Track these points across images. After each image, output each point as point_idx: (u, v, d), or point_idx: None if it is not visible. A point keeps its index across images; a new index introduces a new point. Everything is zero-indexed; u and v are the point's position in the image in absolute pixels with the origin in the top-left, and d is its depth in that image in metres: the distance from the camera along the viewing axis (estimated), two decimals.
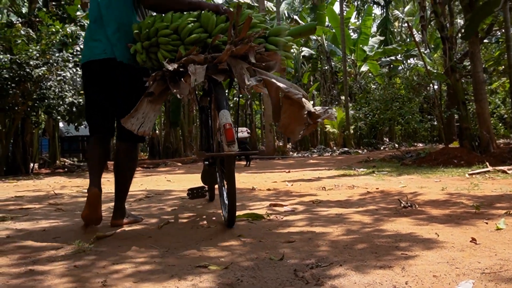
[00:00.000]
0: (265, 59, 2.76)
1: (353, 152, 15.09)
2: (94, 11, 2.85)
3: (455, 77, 10.54)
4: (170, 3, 2.77)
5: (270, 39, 2.86)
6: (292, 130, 2.76)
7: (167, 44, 2.65)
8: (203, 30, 2.71)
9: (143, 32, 2.68)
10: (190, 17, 2.69)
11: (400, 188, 4.42)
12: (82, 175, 9.70)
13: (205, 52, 2.63)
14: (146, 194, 4.78)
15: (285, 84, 2.70)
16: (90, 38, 2.88)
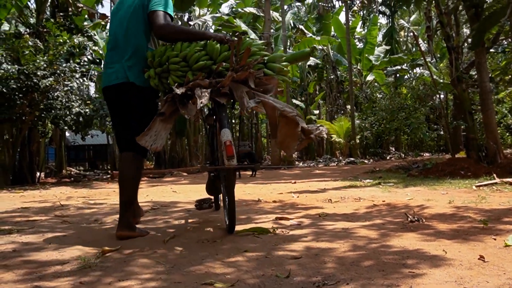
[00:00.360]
0: (264, 83, 3.09)
1: (359, 162, 15.05)
2: (112, 40, 3.15)
3: (462, 87, 10.52)
4: (179, 35, 3.10)
5: (268, 65, 3.17)
6: (288, 146, 3.13)
7: (177, 70, 2.96)
8: (208, 57, 3.01)
9: (156, 60, 3.00)
10: (197, 46, 3.00)
11: (407, 200, 4.40)
12: (88, 185, 9.73)
13: (210, 77, 2.95)
14: (152, 206, 4.77)
15: (281, 104, 3.08)
16: (106, 65, 3.16)
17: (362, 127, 19.18)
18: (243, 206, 4.57)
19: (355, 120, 19.16)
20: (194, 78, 2.89)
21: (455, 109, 18.39)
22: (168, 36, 3.07)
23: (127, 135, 3.07)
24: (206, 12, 20.38)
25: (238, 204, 4.65)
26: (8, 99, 9.04)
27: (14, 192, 7.90)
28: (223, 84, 2.90)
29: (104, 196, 6.52)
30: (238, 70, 2.93)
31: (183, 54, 2.97)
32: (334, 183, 7.24)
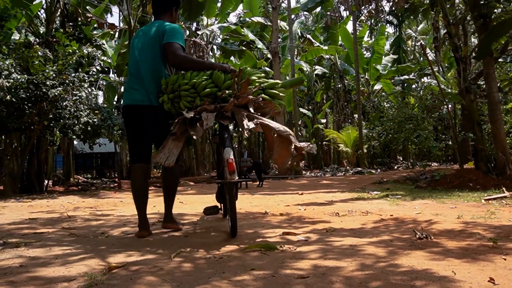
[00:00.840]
0: (262, 106, 3.61)
1: (367, 172, 14.99)
2: (133, 67, 3.68)
3: (470, 98, 10.47)
4: (189, 64, 3.62)
5: (266, 91, 3.66)
6: (282, 161, 3.56)
7: (187, 96, 3.45)
8: (214, 85, 3.49)
9: (169, 87, 3.51)
10: (204, 76, 3.50)
11: (415, 215, 4.37)
12: (95, 194, 9.75)
13: (215, 103, 3.45)
14: (159, 219, 4.76)
15: (276, 125, 3.55)
16: (130, 87, 3.69)
17: (370, 136, 19.12)
18: (250, 219, 4.55)
19: (363, 130, 19.11)
20: (202, 104, 3.39)
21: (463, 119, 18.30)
22: (180, 65, 3.59)
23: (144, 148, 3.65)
24: (214, 21, 20.50)
25: (245, 217, 4.65)
26: (17, 109, 9.10)
27: (22, 201, 7.94)
28: (226, 109, 3.41)
29: (111, 207, 6.53)
30: (239, 96, 3.43)
31: (192, 82, 3.46)
32: (341, 195, 7.21)
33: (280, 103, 3.81)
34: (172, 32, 3.61)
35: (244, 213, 5.16)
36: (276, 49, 15.69)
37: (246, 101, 3.45)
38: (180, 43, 3.59)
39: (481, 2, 11.63)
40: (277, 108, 3.79)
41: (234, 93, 3.44)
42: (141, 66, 3.62)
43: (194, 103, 3.43)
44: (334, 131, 21.62)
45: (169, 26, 3.66)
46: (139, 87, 3.61)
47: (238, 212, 5.04)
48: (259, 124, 3.47)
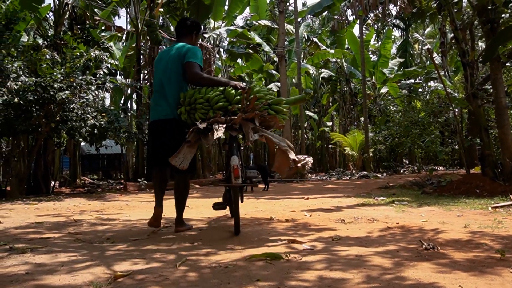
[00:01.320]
0: (267, 120, 4.04)
1: (372, 176, 14.94)
2: (158, 85, 4.20)
3: (477, 103, 10.42)
4: (205, 82, 4.09)
5: (272, 107, 4.09)
6: (282, 170, 4.05)
7: (201, 109, 3.89)
8: (225, 100, 3.92)
9: (186, 100, 3.98)
10: (217, 91, 3.96)
11: (421, 223, 4.35)
12: (101, 196, 9.78)
13: (226, 115, 3.86)
14: (164, 224, 4.77)
15: (278, 139, 4.05)
16: (155, 104, 4.21)
17: (376, 140, 19.06)
18: (255, 225, 4.55)
19: (369, 133, 19.06)
20: (214, 116, 3.81)
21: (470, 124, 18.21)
22: (197, 82, 4.11)
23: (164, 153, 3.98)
24: (221, 24, 20.53)
25: (251, 223, 4.65)
26: (25, 111, 9.15)
27: (29, 204, 7.97)
28: (235, 121, 3.81)
29: (117, 210, 6.54)
30: (246, 111, 3.88)
31: (206, 97, 3.91)
32: (347, 200, 7.18)
33: (284, 118, 4.23)
34: (191, 53, 4.10)
35: (250, 218, 5.15)
36: (283, 53, 15.69)
37: (253, 116, 3.88)
38: (198, 62, 4.10)
39: (488, 7, 11.58)
40: (281, 122, 4.25)
41: (243, 108, 3.88)
42: (165, 84, 4.13)
43: (207, 115, 3.86)
44: (340, 134, 21.58)
45: (189, 48, 4.16)
46: (163, 103, 4.12)
47: (243, 217, 5.07)
48: (262, 136, 3.94)
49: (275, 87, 21.69)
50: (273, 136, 4.03)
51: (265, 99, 4.03)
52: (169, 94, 4.09)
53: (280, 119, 4.17)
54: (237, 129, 3.90)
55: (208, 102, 3.91)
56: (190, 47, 4.17)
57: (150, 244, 3.55)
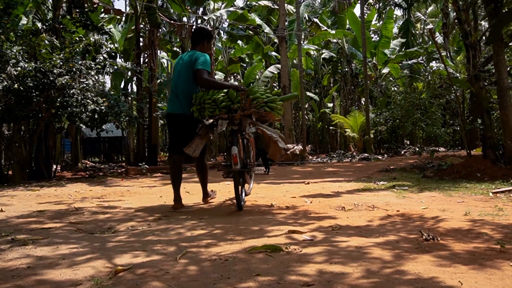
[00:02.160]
0: (264, 115, 4.93)
1: (373, 158, 14.93)
2: (173, 85, 5.15)
3: (479, 85, 10.35)
4: (211, 85, 4.90)
5: (268, 104, 4.92)
6: (275, 156, 5.28)
7: (209, 108, 4.71)
8: (228, 100, 4.73)
9: (197, 101, 4.81)
10: (222, 93, 4.77)
11: (421, 210, 4.35)
12: (102, 181, 9.80)
13: (229, 113, 4.68)
14: (164, 213, 4.78)
15: (271, 131, 5.05)
16: (171, 100, 5.18)
17: (377, 122, 19.01)
18: (256, 213, 4.56)
19: (370, 114, 18.98)
20: (219, 113, 4.66)
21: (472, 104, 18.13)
22: (205, 86, 4.91)
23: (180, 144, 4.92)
24: (221, 5, 20.33)
25: (251, 211, 4.67)
26: (25, 97, 9.12)
27: (31, 190, 8.00)
28: (236, 117, 4.67)
29: (118, 197, 6.56)
30: (245, 109, 4.70)
31: (213, 98, 4.72)
32: (347, 185, 7.19)
33: (278, 113, 5.15)
34: (200, 61, 4.90)
35: (250, 206, 5.17)
36: (283, 34, 15.53)
37: (250, 112, 4.74)
38: (206, 69, 4.88)
39: None
40: (276, 117, 5.17)
41: (242, 106, 4.68)
42: (178, 86, 5.06)
43: (214, 113, 4.68)
44: (340, 116, 21.51)
45: (197, 56, 4.96)
46: (177, 101, 5.05)
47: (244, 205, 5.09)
48: (258, 129, 4.94)
49: (276, 69, 21.57)
50: (267, 129, 5.03)
51: (262, 98, 4.85)
52: (181, 94, 5.02)
53: (275, 114, 5.05)
54: (238, 124, 4.72)
55: (215, 102, 4.71)
56: (200, 55, 4.96)
57: (150, 235, 3.56)
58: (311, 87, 31.78)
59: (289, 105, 16.12)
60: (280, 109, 5.16)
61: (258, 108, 4.80)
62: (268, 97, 4.99)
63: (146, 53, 13.67)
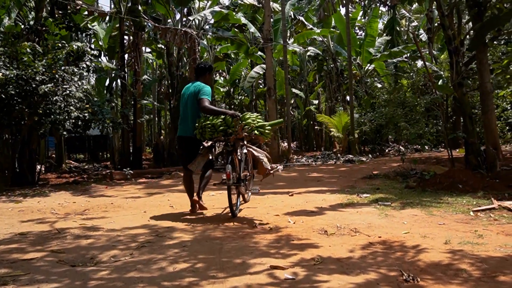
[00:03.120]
0: (254, 139, 6.05)
1: (357, 161, 15.02)
2: (182, 112, 6.16)
3: (462, 91, 10.47)
4: (212, 112, 5.88)
5: (258, 130, 5.93)
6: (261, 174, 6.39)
7: (209, 131, 5.71)
8: (225, 124, 5.71)
9: (199, 125, 5.80)
10: (219, 119, 5.75)
11: (403, 236, 4.41)
12: (86, 189, 9.74)
13: (225, 136, 5.72)
14: (147, 236, 4.76)
15: (259, 153, 6.22)
16: (180, 124, 6.21)
17: (361, 122, 19.11)
18: (239, 238, 4.57)
19: (354, 114, 19.06)
20: (217, 136, 5.73)
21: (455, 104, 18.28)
22: (206, 112, 5.88)
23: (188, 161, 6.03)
24: (206, 3, 20.21)
25: (235, 233, 4.69)
26: (7, 105, 9.00)
27: (14, 201, 7.93)
28: (230, 140, 5.75)
29: (101, 212, 6.53)
30: (238, 133, 5.70)
31: (212, 123, 5.72)
32: (331, 198, 7.23)
33: (267, 136, 6.16)
34: (203, 91, 5.95)
35: (233, 227, 5.18)
36: (269, 36, 15.50)
37: (241, 137, 5.78)
38: (208, 98, 5.91)
39: None
40: (265, 139, 6.27)
41: (235, 131, 5.68)
42: (186, 112, 6.07)
43: (214, 135, 5.73)
44: (326, 116, 21.58)
45: (201, 87, 6.01)
46: (185, 124, 6.07)
47: (227, 225, 5.09)
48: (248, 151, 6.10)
49: (261, 70, 21.54)
50: (256, 150, 6.23)
51: (253, 124, 5.86)
52: (189, 118, 6.01)
53: (263, 137, 6.12)
54: (232, 145, 5.77)
55: (214, 126, 5.69)
56: (203, 86, 6.02)
57: (133, 271, 3.55)
58: (297, 83, 31.83)
59: (274, 107, 16.12)
60: (268, 133, 6.12)
61: (249, 133, 5.78)
62: (259, 122, 5.99)
63: (130, 55, 13.56)
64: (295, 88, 30.31)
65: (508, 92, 16.13)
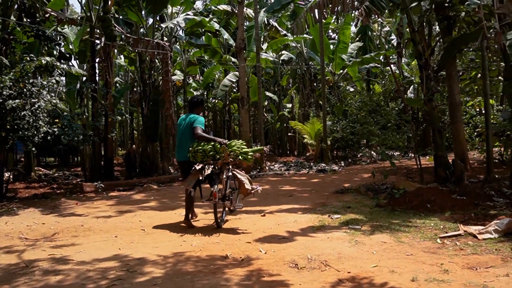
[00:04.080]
0: (238, 163, 7.14)
1: (330, 170, 15.16)
2: (179, 139, 7.25)
3: (432, 105, 10.67)
4: (203, 139, 6.90)
5: (242, 155, 6.93)
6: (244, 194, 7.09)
7: (200, 155, 6.76)
8: (214, 150, 6.78)
9: (192, 150, 6.85)
10: (209, 145, 6.80)
11: (372, 270, 4.48)
12: (56, 206, 9.58)
13: (214, 160, 6.77)
14: (117, 271, 4.71)
15: (242, 175, 7.04)
16: (177, 150, 7.33)
17: (333, 130, 19.30)
18: (209, 273, 4.57)
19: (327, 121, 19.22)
20: (207, 160, 6.77)
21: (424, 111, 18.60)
22: (199, 139, 6.91)
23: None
24: (180, 8, 20.06)
25: (205, 267, 4.67)
26: None
27: None
28: (217, 164, 6.82)
29: (71, 239, 6.43)
30: (224, 158, 6.77)
31: (203, 148, 6.78)
32: (303, 219, 7.26)
33: (249, 161, 7.23)
34: (197, 121, 7.03)
35: (205, 258, 5.18)
36: (242, 45, 15.49)
37: (227, 161, 6.85)
38: (200, 126, 6.97)
39: (445, 4, 11.76)
40: (248, 163, 7.54)
41: (223, 156, 6.77)
42: (182, 139, 7.14)
43: (204, 159, 6.79)
44: (299, 123, 21.69)
45: (195, 118, 7.09)
46: (182, 150, 7.13)
47: (199, 256, 5.10)
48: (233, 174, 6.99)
49: (234, 77, 21.49)
50: (239, 173, 7.08)
51: (238, 150, 6.91)
52: (184, 145, 7.07)
53: (246, 162, 7.22)
54: (219, 169, 6.88)
55: (204, 151, 6.78)
56: (196, 117, 7.12)
57: None
58: (270, 86, 31.90)
59: (247, 117, 16.14)
60: (251, 158, 7.20)
61: (234, 158, 6.87)
62: (243, 149, 7.00)
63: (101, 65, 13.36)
64: (269, 91, 30.39)
65: (476, 102, 16.50)
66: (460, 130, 12.91)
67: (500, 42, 7.52)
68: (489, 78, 12.79)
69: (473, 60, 17.56)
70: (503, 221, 5.77)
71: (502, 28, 7.90)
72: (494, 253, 4.95)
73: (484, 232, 5.74)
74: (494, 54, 12.22)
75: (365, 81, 26.62)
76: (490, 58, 13.11)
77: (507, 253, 4.92)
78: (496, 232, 5.67)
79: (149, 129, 15.96)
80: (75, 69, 18.37)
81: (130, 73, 28.11)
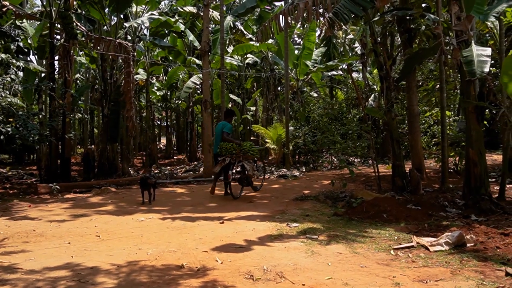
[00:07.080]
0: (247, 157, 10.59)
1: (291, 176, 15.24)
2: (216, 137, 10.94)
3: (391, 116, 10.87)
4: (227, 141, 10.44)
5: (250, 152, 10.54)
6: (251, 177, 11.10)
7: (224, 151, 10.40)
8: (233, 148, 10.36)
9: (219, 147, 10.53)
10: (230, 145, 10.39)
11: (326, 282, 4.51)
12: (8, 208, 9.27)
13: (233, 155, 10.37)
14: (68, 281, 4.58)
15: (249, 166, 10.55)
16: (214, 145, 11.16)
17: (296, 136, 19.43)
18: (164, 284, 4.50)
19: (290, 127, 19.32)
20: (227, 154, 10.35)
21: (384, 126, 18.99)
22: (224, 140, 10.43)
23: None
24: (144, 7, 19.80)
25: (160, 280, 4.59)
26: None
27: None
28: (233, 158, 10.35)
29: (22, 245, 6.23)
30: (238, 154, 10.39)
31: (225, 146, 10.36)
32: (261, 228, 7.24)
33: (256, 155, 10.84)
34: (226, 127, 10.47)
35: (159, 267, 5.11)
36: (206, 48, 15.38)
37: (240, 155, 10.32)
38: (227, 131, 10.45)
39: (407, 17, 12.05)
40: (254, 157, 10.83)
41: (237, 152, 10.27)
42: (217, 138, 10.72)
43: (226, 153, 10.29)
44: (262, 127, 21.73)
45: (225, 124, 10.58)
46: (217, 146, 10.60)
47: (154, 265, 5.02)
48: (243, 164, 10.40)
49: (199, 80, 21.33)
50: (247, 164, 10.43)
51: (248, 148, 10.41)
52: (217, 143, 10.59)
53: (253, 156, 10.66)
54: (234, 160, 10.25)
55: (226, 148, 10.24)
56: (227, 124, 10.60)
57: None
58: (234, 88, 31.84)
59: (209, 120, 16.07)
60: (257, 153, 11.00)
61: (245, 153, 10.38)
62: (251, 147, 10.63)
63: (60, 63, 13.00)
64: (233, 93, 30.32)
65: (434, 113, 16.93)
66: (418, 140, 13.25)
67: (457, 58, 7.73)
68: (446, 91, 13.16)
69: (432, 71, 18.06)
70: (454, 234, 5.92)
71: (459, 45, 8.11)
72: (444, 266, 5.06)
73: (436, 244, 5.88)
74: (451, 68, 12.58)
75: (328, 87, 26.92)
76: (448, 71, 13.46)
77: (456, 266, 5.04)
78: (447, 245, 5.81)
79: (110, 130, 15.64)
80: (33, 65, 17.79)
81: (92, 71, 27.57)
